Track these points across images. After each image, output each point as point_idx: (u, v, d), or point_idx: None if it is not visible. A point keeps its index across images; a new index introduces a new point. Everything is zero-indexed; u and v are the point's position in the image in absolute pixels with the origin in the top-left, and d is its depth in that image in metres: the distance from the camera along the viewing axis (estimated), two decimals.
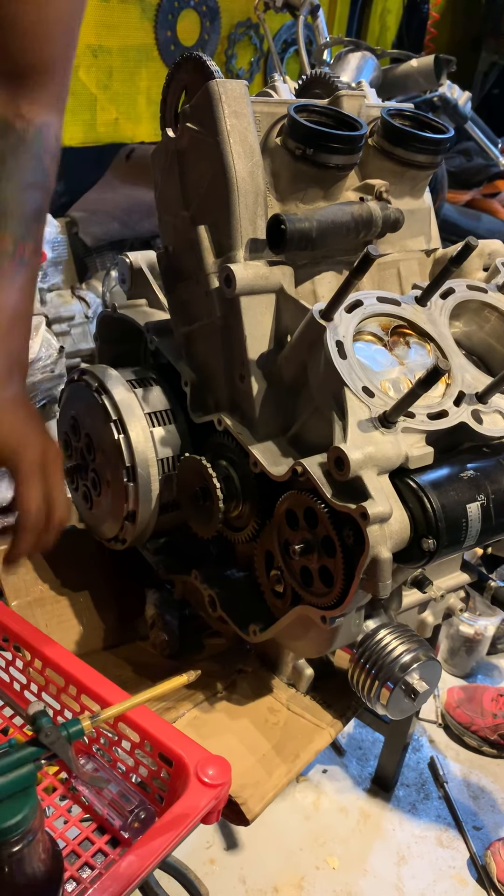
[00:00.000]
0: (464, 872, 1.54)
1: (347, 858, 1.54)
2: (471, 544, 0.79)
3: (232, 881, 1.46)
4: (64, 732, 0.68)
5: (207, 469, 0.89)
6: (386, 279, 1.00)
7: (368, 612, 0.88)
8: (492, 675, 2.05)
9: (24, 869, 0.66)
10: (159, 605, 1.12)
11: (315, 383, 0.82)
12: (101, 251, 2.85)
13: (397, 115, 0.96)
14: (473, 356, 0.95)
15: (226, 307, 0.86)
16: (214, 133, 0.83)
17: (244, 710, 1.00)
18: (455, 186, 3.30)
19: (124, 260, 1.12)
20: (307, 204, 0.90)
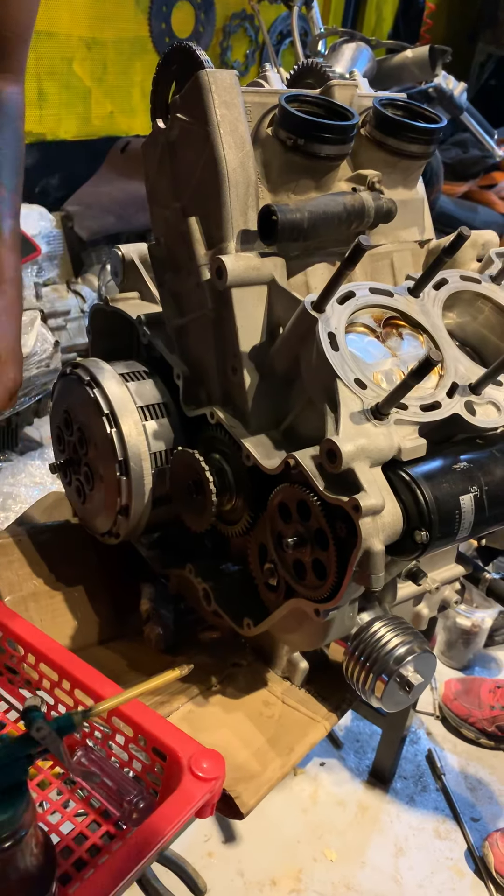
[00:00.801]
0: (461, 864, 1.54)
1: (345, 851, 1.54)
2: (464, 536, 0.78)
3: (230, 874, 1.46)
4: (56, 727, 0.68)
5: (200, 462, 0.88)
6: (379, 270, 0.99)
7: (362, 604, 0.88)
8: (489, 667, 2.05)
9: (17, 864, 0.66)
10: (154, 600, 1.12)
11: (307, 375, 0.82)
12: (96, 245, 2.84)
13: (389, 104, 0.95)
14: (467, 347, 0.94)
15: (217, 299, 0.85)
16: (204, 123, 0.82)
17: (239, 703, 1.00)
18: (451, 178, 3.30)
19: (116, 253, 1.11)
20: (299, 195, 0.89)
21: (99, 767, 0.85)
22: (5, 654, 0.93)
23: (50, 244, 2.66)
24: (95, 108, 2.90)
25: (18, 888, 0.67)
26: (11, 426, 2.51)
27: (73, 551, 1.15)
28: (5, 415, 2.34)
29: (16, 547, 1.12)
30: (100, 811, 0.82)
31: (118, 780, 0.83)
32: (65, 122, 2.84)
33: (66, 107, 2.79)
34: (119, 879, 0.66)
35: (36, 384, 2.38)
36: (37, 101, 2.71)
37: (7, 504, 2.28)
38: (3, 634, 0.92)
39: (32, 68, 2.65)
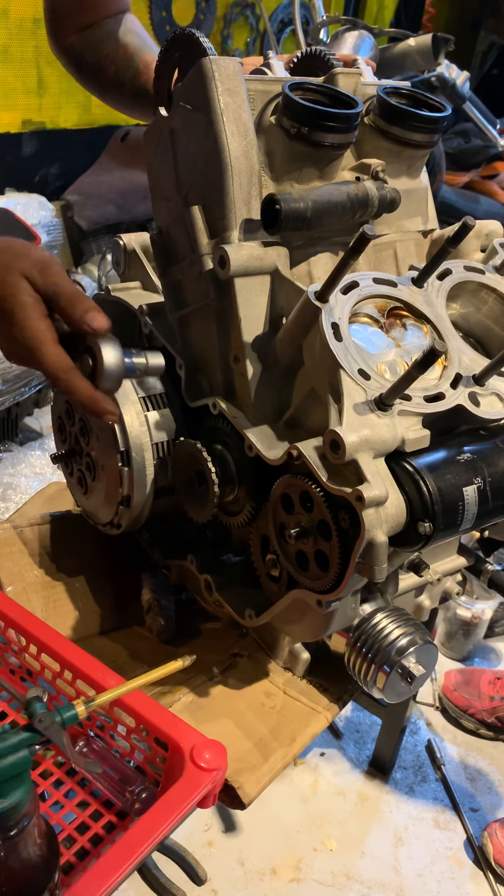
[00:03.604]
0: (461, 853, 1.55)
1: (345, 840, 1.55)
2: (467, 528, 0.78)
3: (230, 863, 1.47)
4: (58, 718, 0.68)
5: (202, 453, 0.88)
6: (382, 260, 0.99)
7: (365, 595, 0.88)
8: (489, 658, 2.05)
9: (20, 854, 0.66)
10: (155, 590, 1.12)
11: (310, 366, 0.81)
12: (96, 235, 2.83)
13: (394, 93, 0.94)
14: (471, 338, 0.94)
15: (220, 289, 0.85)
16: (207, 111, 0.81)
17: (240, 694, 1.00)
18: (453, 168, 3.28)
19: (117, 242, 1.11)
20: (302, 184, 0.89)
21: (101, 757, 0.85)
22: (7, 644, 0.93)
23: (50, 234, 2.65)
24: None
25: (21, 877, 0.67)
26: (11, 416, 2.51)
27: (74, 542, 1.15)
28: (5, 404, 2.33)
29: (17, 538, 1.12)
30: (102, 801, 0.83)
31: (120, 770, 0.83)
32: (65, 111, 2.83)
33: (67, 95, 2.77)
34: (120, 869, 0.66)
35: (37, 374, 2.38)
36: (36, 90, 2.70)
37: (7, 494, 2.28)
38: (5, 624, 0.92)
39: (32, 56, 2.63)
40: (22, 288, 0.78)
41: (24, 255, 0.79)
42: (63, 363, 0.78)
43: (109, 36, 1.16)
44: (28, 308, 0.77)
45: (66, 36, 1.18)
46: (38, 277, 0.78)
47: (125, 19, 1.19)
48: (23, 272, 0.78)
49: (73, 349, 0.80)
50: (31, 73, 2.66)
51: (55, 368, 0.77)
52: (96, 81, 1.21)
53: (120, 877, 0.66)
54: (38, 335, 0.77)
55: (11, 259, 0.78)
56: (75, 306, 0.78)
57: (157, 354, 0.87)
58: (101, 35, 1.17)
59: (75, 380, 0.78)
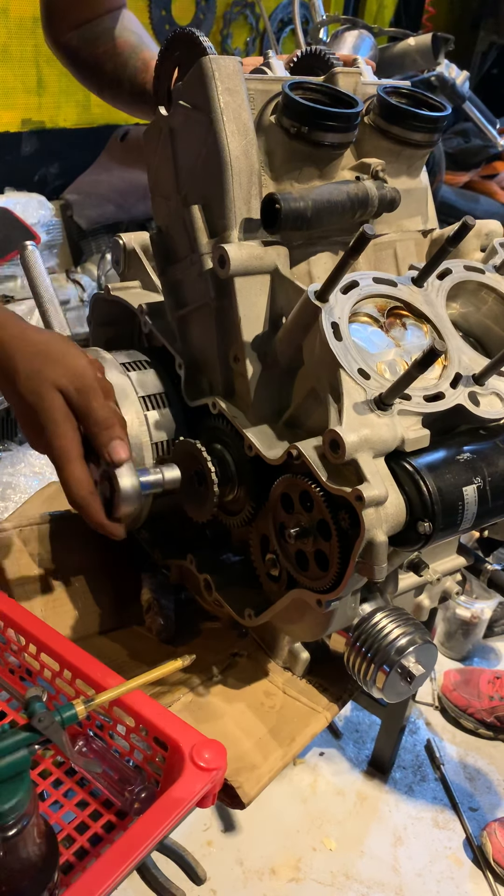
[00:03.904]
0: (460, 853, 1.55)
1: (344, 840, 1.55)
2: (467, 527, 0.78)
3: (229, 863, 1.47)
4: (57, 717, 0.68)
5: (202, 453, 0.88)
6: (382, 260, 0.99)
7: (364, 595, 0.88)
8: (488, 657, 2.06)
9: (19, 853, 0.66)
10: (155, 590, 1.12)
11: (310, 365, 0.81)
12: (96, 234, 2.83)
13: (394, 92, 0.94)
14: (470, 338, 0.94)
15: (220, 288, 0.85)
16: (207, 111, 0.81)
17: (240, 693, 1.00)
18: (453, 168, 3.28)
19: (117, 241, 1.11)
20: (302, 183, 0.89)
21: (100, 757, 0.85)
22: (6, 643, 0.93)
23: (49, 233, 2.65)
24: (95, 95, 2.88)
25: (21, 877, 0.67)
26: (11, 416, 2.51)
27: (73, 542, 1.15)
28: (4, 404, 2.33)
29: (16, 537, 1.12)
30: (101, 801, 0.82)
31: (120, 769, 0.83)
32: (64, 110, 2.82)
33: (66, 94, 2.77)
34: (120, 868, 0.66)
35: None
36: (36, 89, 2.70)
37: (6, 494, 2.28)
38: (4, 624, 0.92)
39: (31, 55, 2.63)
40: (55, 404, 0.76)
41: (59, 362, 0.77)
42: (85, 486, 0.78)
43: (107, 33, 1.16)
44: (59, 425, 0.76)
45: (62, 32, 1.18)
46: (74, 394, 0.77)
47: (122, 16, 1.18)
48: (57, 384, 0.76)
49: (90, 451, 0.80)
50: (31, 72, 2.66)
51: (76, 489, 0.78)
52: (94, 78, 1.20)
53: (119, 876, 0.66)
54: (65, 453, 0.77)
55: (47, 368, 0.76)
56: (102, 433, 0.78)
57: (172, 468, 0.87)
58: (99, 31, 1.16)
59: (92, 504, 0.79)
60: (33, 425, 0.78)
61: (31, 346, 0.78)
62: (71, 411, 0.77)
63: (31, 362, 0.77)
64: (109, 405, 0.79)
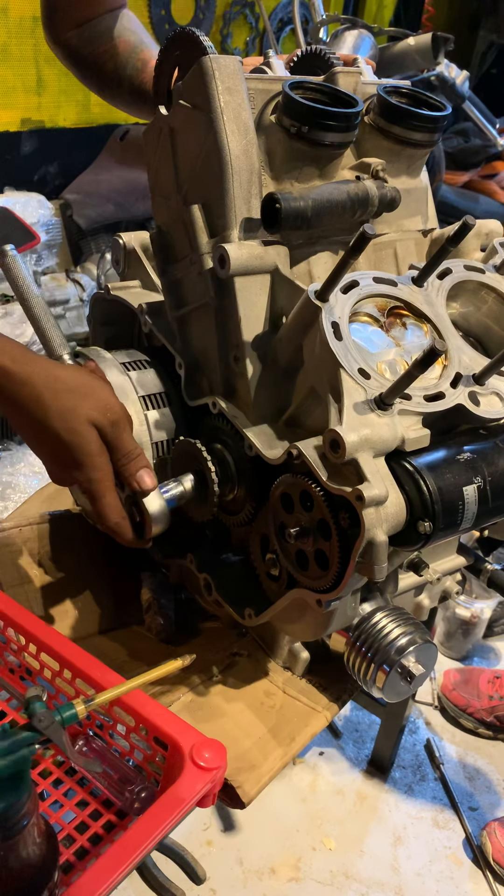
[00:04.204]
0: (459, 853, 1.55)
1: (344, 839, 1.55)
2: (467, 527, 0.78)
3: (229, 862, 1.47)
4: (58, 717, 0.68)
5: (202, 452, 0.88)
6: (382, 259, 0.99)
7: (364, 595, 0.88)
8: (488, 657, 2.06)
9: (19, 853, 0.66)
10: (155, 589, 1.12)
11: (310, 365, 0.81)
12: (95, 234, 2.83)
13: (394, 92, 0.94)
14: (470, 337, 0.94)
15: (220, 288, 0.85)
16: (208, 110, 0.81)
17: (240, 693, 1.00)
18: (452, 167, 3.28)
19: (117, 241, 1.10)
20: (302, 183, 0.89)
21: (100, 757, 0.85)
22: (6, 643, 0.93)
23: (49, 233, 2.65)
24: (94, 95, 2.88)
25: (21, 877, 0.67)
26: None
27: (73, 541, 1.15)
28: None
29: (16, 537, 1.12)
30: (101, 800, 0.83)
31: (120, 769, 0.83)
32: (64, 110, 2.82)
33: (66, 94, 2.77)
34: (120, 868, 0.66)
35: None
36: (35, 88, 2.69)
37: (6, 493, 2.28)
38: (4, 623, 0.92)
39: (31, 55, 2.63)
40: (92, 439, 0.78)
41: (90, 397, 0.79)
42: (119, 512, 0.83)
43: (107, 32, 1.16)
44: (96, 458, 0.79)
45: (63, 31, 1.18)
46: (107, 427, 0.79)
47: (122, 15, 1.18)
48: (90, 419, 0.78)
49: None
50: (31, 71, 2.66)
51: (113, 516, 0.82)
52: (94, 78, 1.20)
53: (119, 876, 0.66)
54: (103, 486, 0.80)
55: (80, 404, 0.78)
56: (130, 463, 0.83)
57: (187, 477, 0.90)
58: (99, 31, 1.16)
59: (126, 527, 0.85)
60: (64, 461, 0.80)
61: (59, 383, 0.78)
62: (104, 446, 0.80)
63: (63, 400, 0.77)
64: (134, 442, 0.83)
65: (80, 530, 1.14)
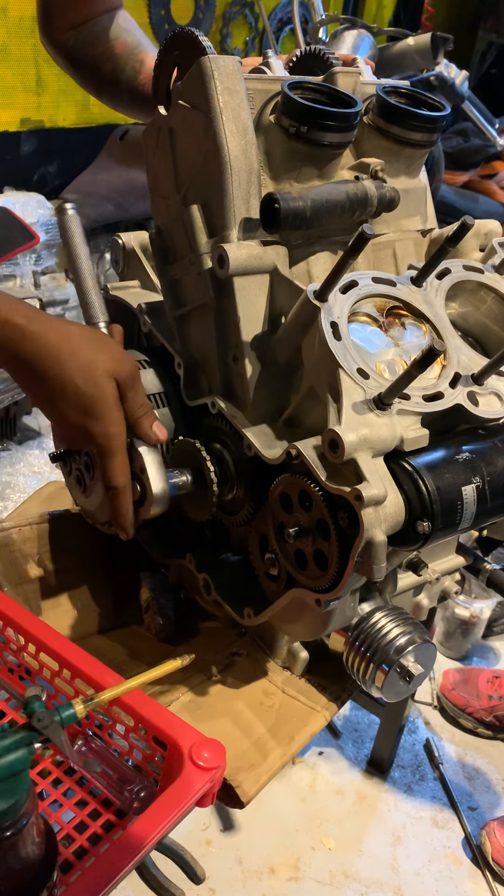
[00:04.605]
0: (459, 852, 1.55)
1: (343, 839, 1.55)
2: (466, 527, 0.78)
3: (228, 862, 1.47)
4: (57, 717, 0.68)
5: (201, 452, 0.88)
6: (381, 259, 0.99)
7: (363, 595, 0.88)
8: (487, 657, 2.06)
9: (18, 853, 0.66)
10: (154, 589, 1.12)
11: (309, 365, 0.81)
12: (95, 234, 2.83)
13: (393, 92, 0.94)
14: (469, 337, 0.94)
15: (219, 288, 0.85)
16: (207, 110, 0.81)
17: (239, 693, 1.00)
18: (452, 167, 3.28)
19: (116, 241, 1.11)
20: (301, 183, 0.89)
21: (99, 756, 0.85)
22: (5, 642, 0.93)
23: (48, 233, 2.65)
24: None
25: (20, 876, 0.67)
26: (10, 415, 2.51)
27: (72, 541, 1.15)
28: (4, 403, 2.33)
29: (15, 536, 1.12)
30: (100, 800, 0.83)
31: (119, 769, 0.83)
32: (63, 109, 2.82)
33: (65, 94, 2.77)
34: (119, 868, 0.66)
35: None
36: (35, 88, 2.70)
37: (6, 494, 2.28)
38: (3, 623, 0.92)
39: (31, 55, 2.63)
40: (110, 391, 0.77)
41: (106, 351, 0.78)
42: (126, 477, 0.81)
43: (104, 33, 1.16)
44: (114, 411, 0.78)
45: (59, 32, 1.18)
46: (123, 380, 0.79)
47: (119, 16, 1.18)
48: (108, 372, 0.77)
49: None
50: (30, 71, 2.66)
51: (121, 475, 0.80)
52: (92, 79, 1.20)
53: (119, 876, 0.66)
54: (117, 443, 0.79)
55: (97, 356, 0.77)
56: (144, 416, 0.82)
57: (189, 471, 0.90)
58: (97, 32, 1.16)
59: (126, 498, 0.82)
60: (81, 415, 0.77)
61: (75, 339, 0.77)
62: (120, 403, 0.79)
63: (82, 353, 0.76)
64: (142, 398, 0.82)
65: (80, 530, 1.14)
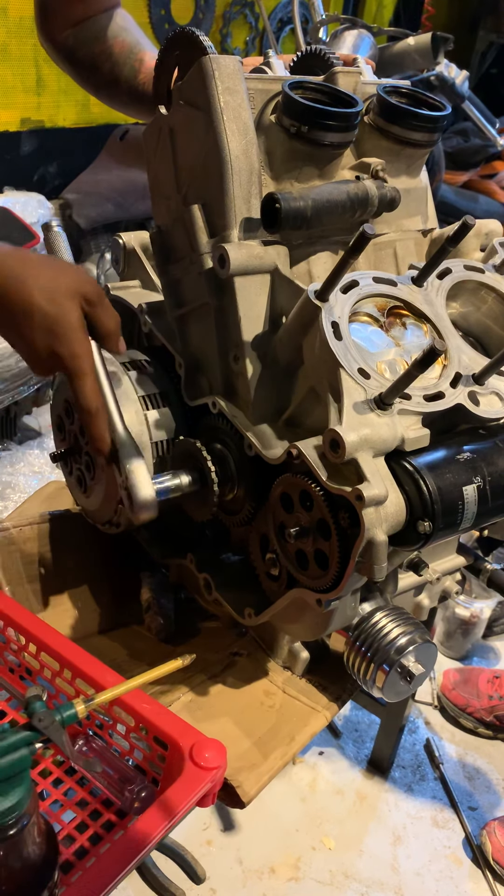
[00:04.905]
0: (459, 852, 1.55)
1: (343, 839, 1.55)
2: (467, 527, 0.78)
3: (229, 862, 1.47)
4: (58, 717, 0.68)
5: (202, 452, 0.88)
6: (382, 259, 0.99)
7: (364, 595, 0.88)
8: (487, 657, 2.06)
9: (19, 853, 0.66)
10: (154, 589, 1.12)
11: (310, 365, 0.81)
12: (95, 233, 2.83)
13: (393, 91, 0.94)
14: (470, 337, 0.94)
15: (219, 288, 0.85)
16: (207, 110, 0.81)
17: (240, 693, 1.00)
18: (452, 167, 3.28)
19: (117, 241, 1.10)
20: (302, 182, 0.89)
21: (100, 756, 0.85)
22: (6, 642, 0.93)
23: None
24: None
25: (21, 876, 0.67)
26: (10, 415, 2.50)
27: (73, 541, 1.15)
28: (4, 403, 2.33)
29: (16, 536, 1.12)
30: (101, 800, 0.83)
31: (120, 769, 0.83)
32: (63, 109, 2.82)
33: (65, 94, 2.77)
34: (120, 868, 0.66)
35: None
36: (35, 88, 2.69)
37: (6, 493, 2.28)
38: (4, 623, 0.92)
39: (31, 55, 2.63)
40: (76, 313, 0.77)
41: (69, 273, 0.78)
42: (97, 399, 0.80)
43: (102, 31, 1.16)
44: (78, 331, 0.77)
45: (57, 31, 1.18)
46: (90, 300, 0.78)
47: (117, 14, 1.18)
48: (71, 292, 0.77)
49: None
50: (30, 71, 2.66)
51: (92, 398, 0.80)
52: (91, 78, 1.20)
53: (119, 876, 0.66)
54: (84, 364, 0.78)
55: (59, 278, 0.77)
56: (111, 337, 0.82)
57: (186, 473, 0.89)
58: (95, 30, 1.16)
59: (102, 416, 0.81)
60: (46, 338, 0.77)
61: (38, 262, 0.78)
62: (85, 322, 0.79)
63: (44, 276, 0.76)
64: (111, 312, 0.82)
65: (81, 530, 1.14)
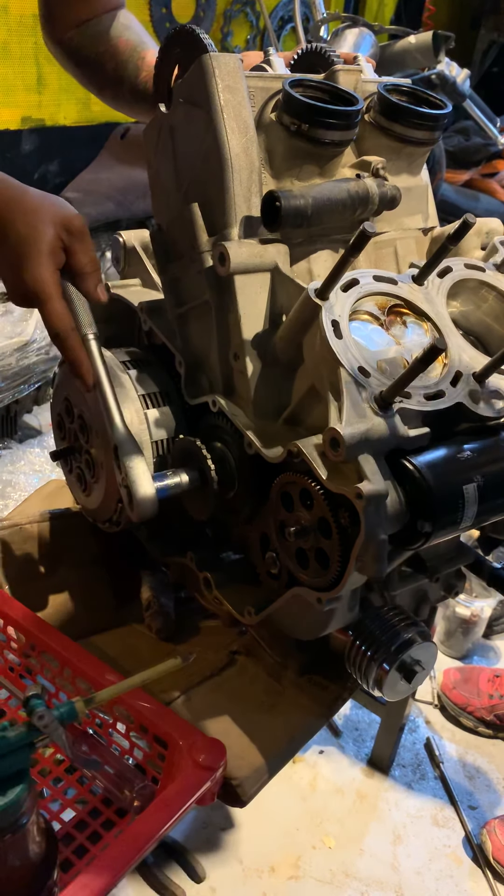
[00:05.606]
0: (459, 851, 1.55)
1: (344, 838, 1.55)
2: (467, 525, 0.78)
3: (229, 861, 1.47)
4: (57, 715, 0.68)
5: (202, 451, 0.88)
6: (382, 258, 0.99)
7: (364, 593, 0.88)
8: (488, 656, 2.06)
9: (19, 851, 0.66)
10: (154, 588, 1.12)
11: (310, 363, 0.81)
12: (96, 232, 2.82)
13: (394, 90, 0.94)
14: (471, 336, 0.94)
15: (220, 286, 0.85)
16: (208, 108, 0.81)
17: (239, 692, 1.00)
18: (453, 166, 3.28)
19: (117, 239, 1.10)
20: (302, 181, 0.88)
21: (100, 755, 0.85)
22: (6, 641, 0.93)
23: None
24: None
25: (20, 875, 0.67)
26: (10, 414, 2.50)
27: (73, 539, 1.15)
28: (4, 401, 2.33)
29: (16, 535, 1.12)
30: (101, 799, 0.83)
31: (119, 768, 0.83)
32: (64, 108, 2.82)
33: (66, 92, 2.76)
34: (120, 867, 0.66)
35: (35, 371, 2.37)
36: (36, 87, 2.69)
37: (6, 492, 2.27)
38: (4, 622, 0.92)
39: (31, 53, 2.62)
40: (46, 235, 0.78)
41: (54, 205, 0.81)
42: (65, 321, 0.82)
43: (106, 31, 1.16)
44: (45, 255, 0.79)
45: (62, 31, 1.18)
46: (70, 230, 0.80)
47: (121, 14, 1.18)
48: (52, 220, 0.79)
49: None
50: (31, 69, 2.65)
51: (59, 321, 0.81)
52: (94, 78, 1.20)
53: (119, 875, 0.66)
54: (47, 288, 0.79)
55: (43, 206, 0.80)
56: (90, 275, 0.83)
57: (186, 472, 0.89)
58: (100, 30, 1.16)
59: (73, 342, 0.83)
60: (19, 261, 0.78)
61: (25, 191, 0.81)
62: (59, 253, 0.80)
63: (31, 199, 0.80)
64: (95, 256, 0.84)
65: (81, 528, 1.14)
